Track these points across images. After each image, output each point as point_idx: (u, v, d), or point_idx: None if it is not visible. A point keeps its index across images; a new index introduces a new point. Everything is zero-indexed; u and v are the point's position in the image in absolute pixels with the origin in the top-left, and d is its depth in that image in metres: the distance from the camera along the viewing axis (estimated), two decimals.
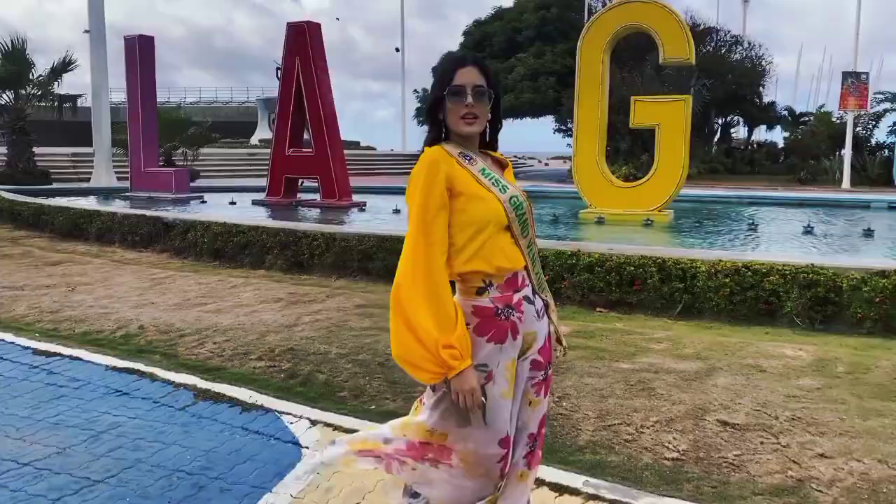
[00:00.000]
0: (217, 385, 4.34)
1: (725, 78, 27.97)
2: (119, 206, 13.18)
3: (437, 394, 2.10)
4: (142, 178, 17.13)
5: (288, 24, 14.68)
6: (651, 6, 11.48)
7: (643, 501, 2.94)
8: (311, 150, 14.72)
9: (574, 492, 3.05)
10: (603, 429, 3.68)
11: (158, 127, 18.05)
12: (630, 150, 25.59)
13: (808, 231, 9.94)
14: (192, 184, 18.14)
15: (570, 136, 12.60)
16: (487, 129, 2.18)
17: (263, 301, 6.59)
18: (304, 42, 14.30)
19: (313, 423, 3.82)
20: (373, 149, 50.25)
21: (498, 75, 1.86)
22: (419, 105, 37.10)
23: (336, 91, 14.86)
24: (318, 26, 14.60)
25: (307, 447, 3.54)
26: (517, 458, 2.17)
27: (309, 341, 5.22)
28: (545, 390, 2.20)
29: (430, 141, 2.14)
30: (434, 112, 2.13)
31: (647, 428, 3.67)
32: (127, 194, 17.30)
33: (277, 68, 41.24)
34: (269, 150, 16.48)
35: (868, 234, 9.80)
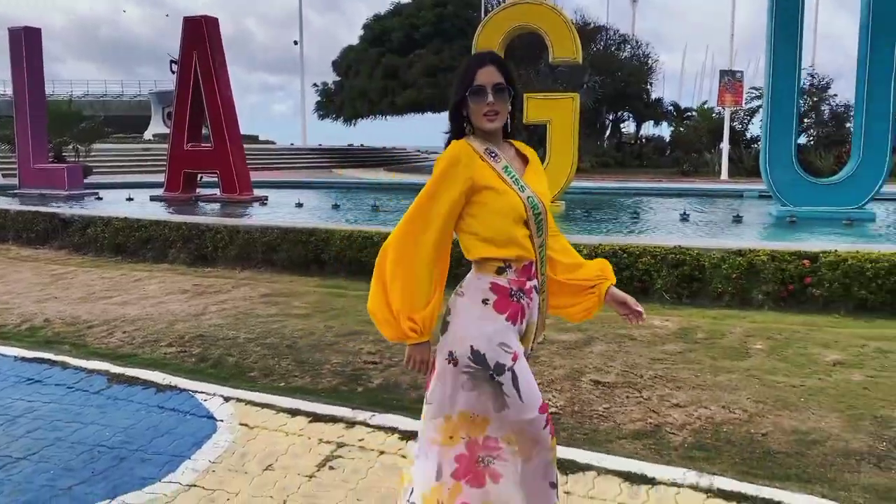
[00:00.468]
0: (130, 370, 4.53)
1: (615, 75, 29.27)
2: (10, 203, 12.75)
3: (457, 380, 2.17)
4: (31, 175, 16.51)
5: (185, 18, 14.53)
6: (540, 8, 12.08)
7: None
8: (210, 144, 14.63)
9: None
10: None
11: (47, 122, 17.42)
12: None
13: (684, 218, 10.80)
14: (85, 180, 17.62)
15: None
16: (508, 121, 2.26)
17: (169, 293, 6.72)
18: (201, 37, 14.21)
19: (226, 399, 4.08)
20: (272, 143, 49.60)
21: (512, 72, 2.08)
22: (319, 99, 36.94)
23: (232, 84, 14.82)
24: (215, 21, 14.52)
25: (222, 420, 3.81)
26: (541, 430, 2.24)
27: (217, 328, 5.44)
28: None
29: (453, 137, 2.26)
30: (458, 110, 2.24)
31: None
32: (15, 192, 16.64)
33: (172, 61, 40.02)
34: (164, 146, 16.25)
35: (737, 220, 10.74)
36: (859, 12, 10.93)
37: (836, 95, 25.07)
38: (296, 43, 40.54)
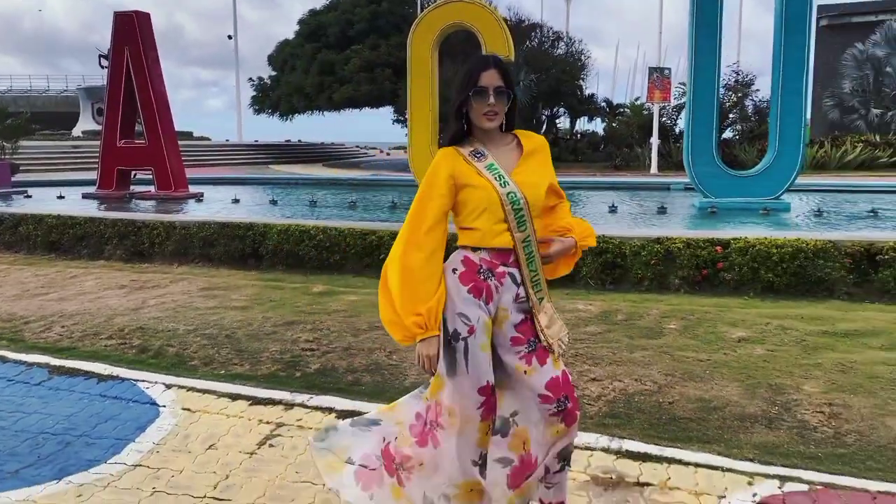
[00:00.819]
0: (71, 362, 4.62)
1: (550, 72, 29.81)
2: None
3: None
4: None
5: (115, 13, 14.31)
6: (472, 6, 12.36)
7: None
8: (143, 141, 14.47)
9: None
10: (425, 373, 4.35)
11: None
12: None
13: (613, 210, 11.24)
14: (12, 178, 17.15)
15: (407, 125, 13.31)
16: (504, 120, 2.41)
17: (107, 288, 6.76)
18: (133, 32, 14.03)
19: (168, 386, 4.23)
20: (207, 139, 48.75)
21: (512, 77, 2.21)
22: (255, 94, 36.52)
23: (164, 80, 14.67)
24: (147, 16, 14.35)
25: (164, 406, 3.95)
26: (541, 418, 2.36)
27: (157, 321, 5.55)
28: (539, 360, 2.36)
29: (451, 137, 2.39)
30: (460, 109, 2.37)
31: None
32: None
33: (101, 56, 38.97)
34: (95, 143, 15.95)
35: (661, 211, 11.25)
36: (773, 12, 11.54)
37: (758, 91, 26.13)
38: (230, 37, 39.98)
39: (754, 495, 2.95)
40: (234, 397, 4.05)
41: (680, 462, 3.21)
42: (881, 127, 31.28)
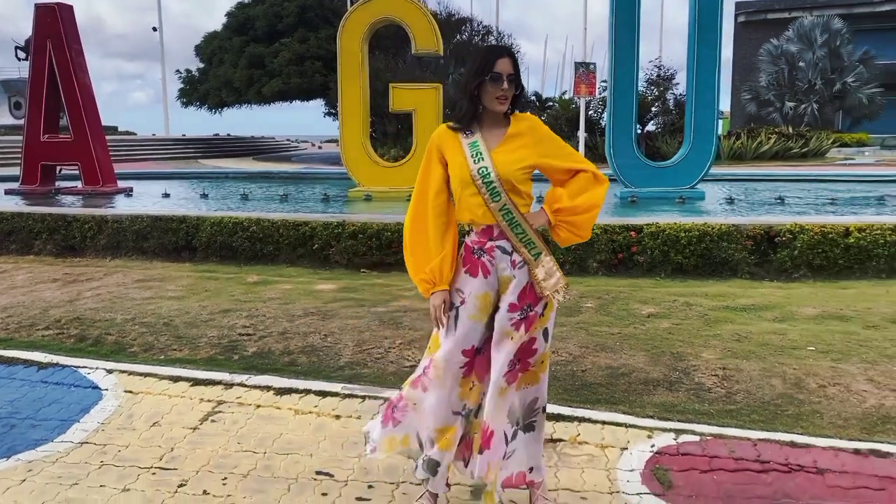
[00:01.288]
0: (9, 352, 4.71)
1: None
2: None
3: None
4: None
5: (36, 5, 13.95)
6: (401, 1, 12.60)
7: (386, 393, 3.93)
8: (69, 135, 14.20)
9: (334, 394, 3.97)
10: (359, 353, 4.63)
11: None
12: (398, 133, 27.01)
13: (539, 200, 11.65)
14: None
15: (339, 119, 13.46)
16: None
17: (39, 282, 6.77)
18: (55, 24, 13.73)
19: (109, 371, 4.38)
20: (133, 134, 47.51)
21: (520, 67, 2.47)
22: (182, 86, 35.83)
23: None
24: (70, 8, 14.06)
25: (107, 389, 4.11)
26: (498, 378, 2.57)
27: (93, 311, 5.64)
28: (526, 327, 2.58)
29: (462, 116, 2.61)
30: (473, 91, 2.58)
31: (393, 349, 4.68)
32: None
33: (17, 48, 37.51)
34: (13, 137, 15.54)
35: None
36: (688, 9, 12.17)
37: (678, 85, 27.12)
38: (155, 29, 39.06)
39: (652, 446, 3.33)
40: (175, 379, 4.24)
41: (589, 420, 3.58)
42: (795, 119, 32.94)
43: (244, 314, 5.50)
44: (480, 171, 2.56)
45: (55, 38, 13.76)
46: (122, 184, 14.74)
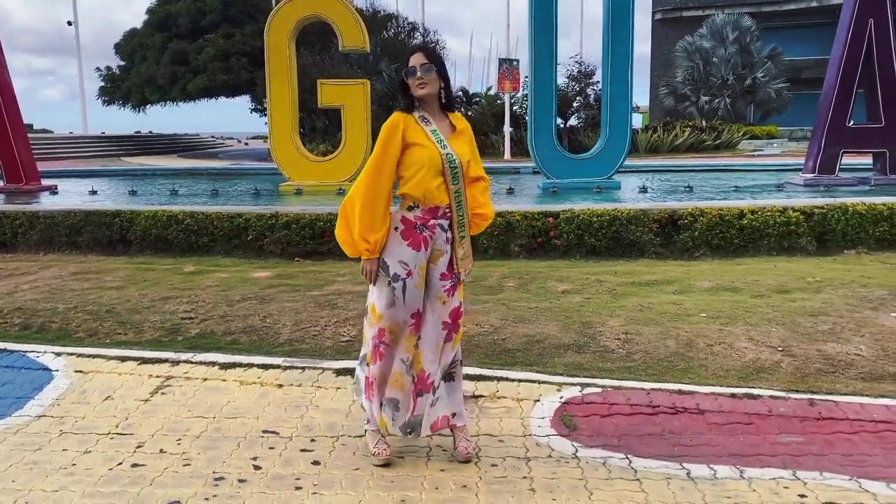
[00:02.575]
0: None
1: (406, 62, 30.56)
2: None
3: (375, 286, 3.09)
4: None
5: None
6: None
7: (324, 364, 4.30)
8: None
9: (276, 367, 4.32)
10: (297, 331, 4.98)
11: None
12: (326, 129, 27.14)
13: None
14: None
15: (267, 115, 13.62)
16: (442, 95, 3.09)
17: None
18: None
19: (58, 354, 4.61)
20: (49, 132, 46.06)
21: (437, 56, 2.83)
22: (103, 84, 34.99)
23: None
24: None
25: (57, 370, 4.35)
26: (437, 338, 3.10)
27: (34, 302, 5.81)
28: (453, 292, 3.11)
29: (405, 107, 3.03)
30: (402, 87, 3.05)
31: (329, 327, 5.05)
32: None
33: None
34: None
35: (510, 192, 12.30)
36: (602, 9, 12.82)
37: (598, 82, 28.08)
38: (70, 24, 37.94)
39: (561, 398, 3.81)
40: (123, 359, 4.50)
41: (507, 380, 4.04)
42: (710, 113, 34.44)
43: (185, 300, 5.76)
44: (448, 157, 3.01)
45: None
46: (45, 182, 14.53)
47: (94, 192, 13.11)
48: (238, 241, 7.71)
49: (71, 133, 41.01)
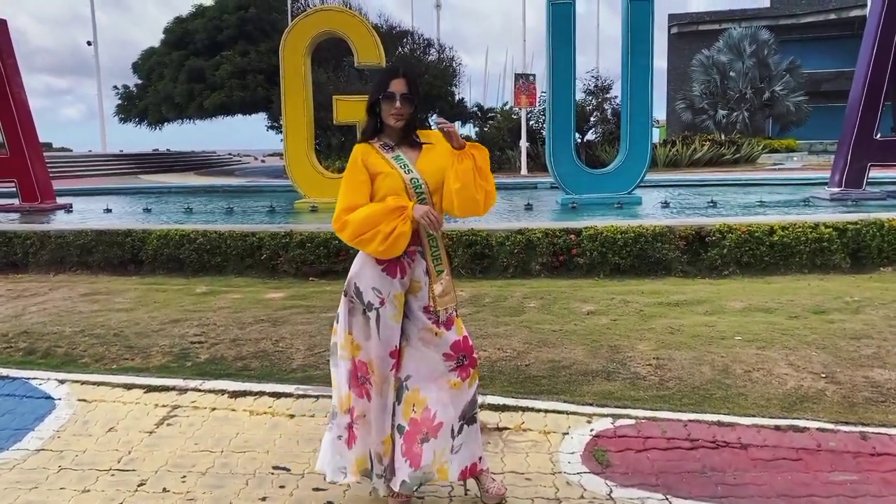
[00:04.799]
0: None
1: (422, 78, 30.53)
2: None
3: (347, 307, 2.81)
4: None
5: None
6: (341, 14, 12.77)
7: None
8: (5, 152, 13.90)
9: (287, 395, 4.09)
10: (311, 356, 4.75)
11: None
12: (342, 146, 27.07)
13: None
14: None
15: (282, 132, 13.50)
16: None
17: None
18: None
19: (61, 382, 4.42)
20: (69, 150, 46.43)
21: (418, 86, 2.91)
22: (121, 102, 35.18)
23: None
24: (3, 23, 13.79)
25: (60, 399, 4.15)
26: (438, 373, 2.80)
27: (41, 325, 5.63)
28: (446, 325, 2.81)
29: (368, 132, 2.83)
30: (373, 109, 2.82)
31: None
32: None
33: None
34: None
35: (528, 207, 12.06)
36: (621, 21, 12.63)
37: (616, 97, 27.87)
38: (89, 44, 38.26)
39: (591, 430, 3.56)
40: (129, 387, 4.30)
41: (532, 410, 3.79)
42: (727, 126, 34.11)
43: (195, 323, 5.56)
44: (413, 181, 2.79)
45: None
46: (61, 200, 14.49)
47: (108, 211, 13.02)
48: (251, 261, 7.53)
49: (90, 151, 41.30)
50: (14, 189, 14.05)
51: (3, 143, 13.97)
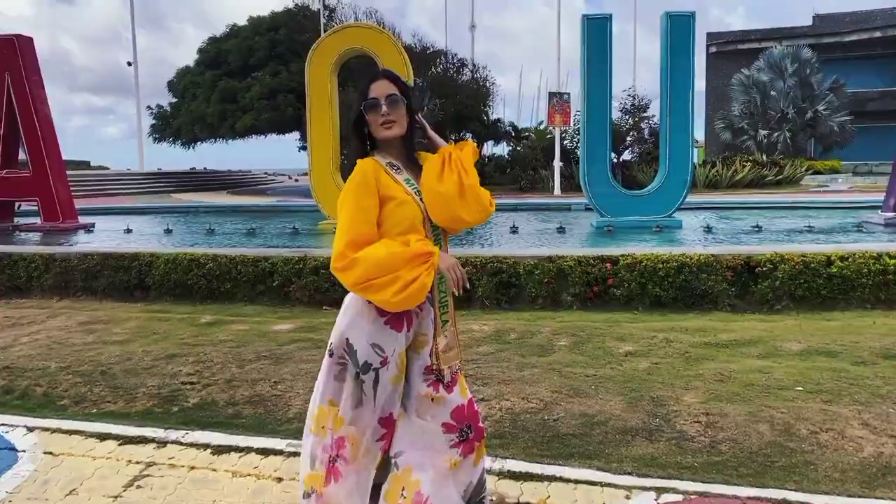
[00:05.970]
0: None
1: (455, 98, 30.17)
2: None
3: (331, 371, 2.33)
4: None
5: None
6: (369, 31, 12.38)
7: None
8: (28, 170, 13.75)
9: (277, 452, 3.56)
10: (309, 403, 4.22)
11: None
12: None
13: (514, 230, 11.38)
14: None
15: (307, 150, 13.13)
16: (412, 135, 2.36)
17: None
18: (14, 57, 13.32)
19: (30, 429, 3.94)
20: (106, 168, 46.94)
21: (405, 85, 2.35)
22: (154, 122, 35.42)
23: (54, 107, 14.03)
24: (29, 40, 13.69)
25: (24, 451, 3.67)
26: (443, 448, 2.30)
27: (27, 359, 5.19)
28: (449, 387, 2.35)
29: (360, 154, 2.34)
30: (359, 127, 2.33)
31: None
32: None
33: None
34: None
35: (561, 230, 11.46)
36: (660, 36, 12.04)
37: (654, 116, 27.16)
38: (129, 64, 38.71)
39: None
40: (103, 437, 3.81)
41: (560, 479, 3.20)
42: (768, 147, 33.13)
43: (191, 360, 5.07)
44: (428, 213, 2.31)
45: (14, 70, 13.36)
46: (86, 219, 14.29)
47: (129, 231, 12.72)
48: (263, 287, 7.06)
49: (129, 170, 41.64)
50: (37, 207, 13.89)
51: (25, 160, 13.82)
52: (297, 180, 51.38)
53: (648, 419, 3.83)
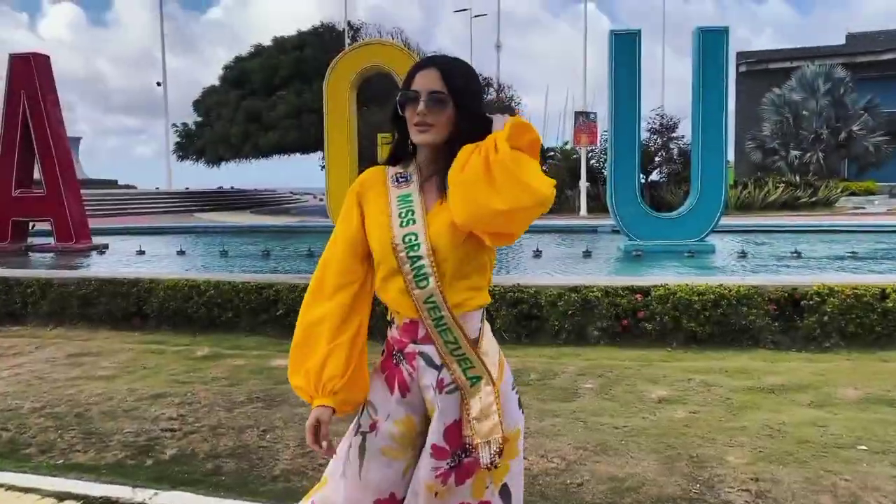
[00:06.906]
0: None
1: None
2: None
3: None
4: None
5: (11, 55, 13.44)
6: (389, 49, 12.04)
7: None
8: (42, 190, 13.53)
9: None
10: (301, 456, 3.73)
11: None
12: None
13: (537, 255, 10.85)
14: None
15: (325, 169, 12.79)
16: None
17: None
18: (30, 75, 13.16)
19: None
20: (133, 187, 47.24)
21: (464, 83, 1.75)
22: (179, 140, 35.48)
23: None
24: (46, 59, 13.53)
25: None
26: None
27: (1, 398, 4.77)
28: (458, 478, 1.75)
29: (390, 154, 1.88)
30: (395, 121, 1.84)
31: None
32: None
33: None
34: None
35: (587, 255, 10.91)
36: (691, 53, 11.52)
37: (683, 137, 26.52)
38: (159, 84, 38.92)
39: None
40: (62, 497, 3.34)
41: None
42: (801, 168, 32.29)
43: (177, 401, 4.61)
44: (406, 239, 1.73)
45: (30, 89, 13.20)
46: (100, 240, 14.03)
47: (141, 252, 12.40)
48: (266, 317, 6.60)
49: (157, 188, 41.83)
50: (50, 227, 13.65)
51: (40, 179, 13.62)
52: (321, 199, 51.33)
53: (688, 485, 3.28)
